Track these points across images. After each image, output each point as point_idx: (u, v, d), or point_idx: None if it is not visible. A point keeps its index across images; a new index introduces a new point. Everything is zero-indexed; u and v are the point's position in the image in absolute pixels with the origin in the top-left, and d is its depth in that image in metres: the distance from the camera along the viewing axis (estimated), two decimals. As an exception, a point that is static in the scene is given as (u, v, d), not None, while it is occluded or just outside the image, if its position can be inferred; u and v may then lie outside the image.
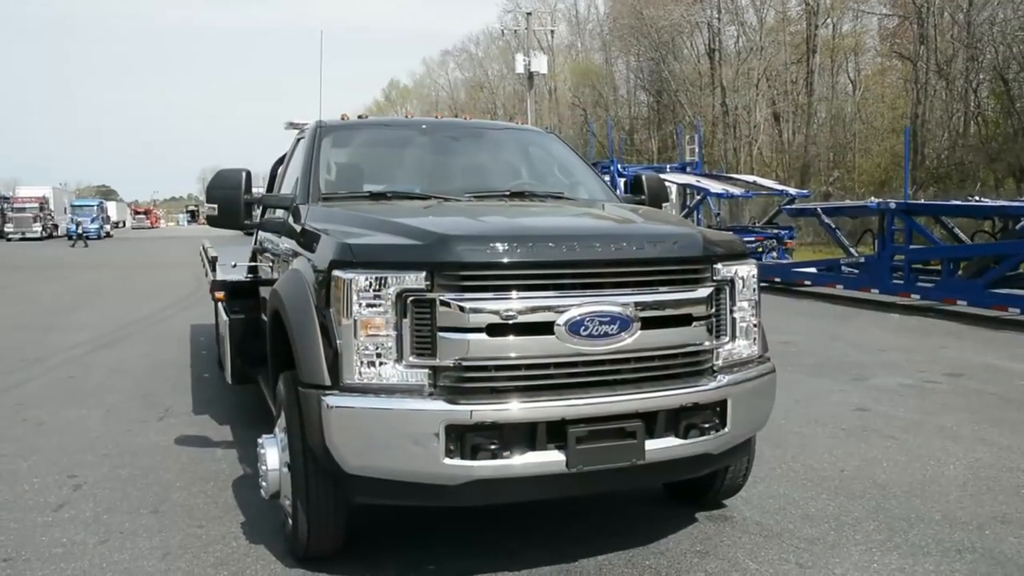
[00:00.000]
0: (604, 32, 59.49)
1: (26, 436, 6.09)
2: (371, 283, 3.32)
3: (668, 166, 24.76)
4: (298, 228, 4.24)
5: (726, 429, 3.64)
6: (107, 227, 53.61)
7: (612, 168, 22.21)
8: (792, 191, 19.77)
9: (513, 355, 3.33)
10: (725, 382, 3.67)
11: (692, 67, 47.86)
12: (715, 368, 3.73)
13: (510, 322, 3.30)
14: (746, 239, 18.47)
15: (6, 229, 48.02)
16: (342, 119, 5.33)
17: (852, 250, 14.87)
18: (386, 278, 3.31)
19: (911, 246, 13.13)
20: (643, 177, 5.36)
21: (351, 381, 3.34)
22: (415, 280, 3.30)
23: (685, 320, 3.57)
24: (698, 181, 20.22)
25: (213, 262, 6.89)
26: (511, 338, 3.31)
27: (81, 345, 10.40)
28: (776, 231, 19.01)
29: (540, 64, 43.29)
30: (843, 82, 43.80)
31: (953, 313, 12.31)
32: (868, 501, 4.60)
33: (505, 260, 3.32)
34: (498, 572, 3.75)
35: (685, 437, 3.54)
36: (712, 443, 3.61)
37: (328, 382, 3.38)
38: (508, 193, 4.69)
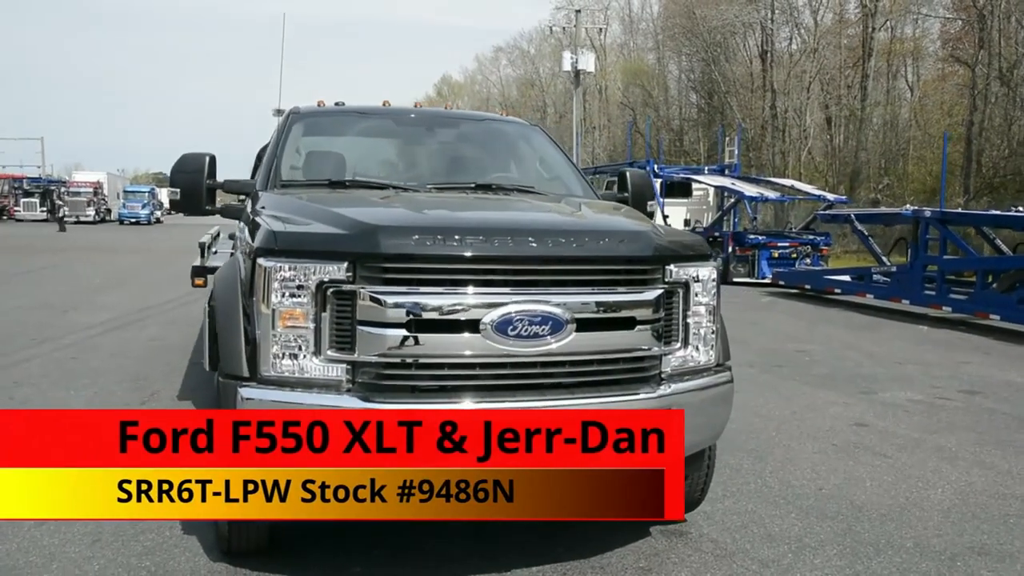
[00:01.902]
0: (657, 31, 58.83)
1: (7, 414, 6.09)
2: (292, 272, 3.18)
3: (706, 168, 24.28)
4: (249, 215, 4.13)
5: (669, 441, 3.42)
6: (158, 213, 54.72)
7: (648, 168, 21.80)
8: (830, 196, 19.24)
9: (435, 353, 3.17)
10: (671, 391, 3.45)
11: (744, 69, 47.03)
12: (663, 376, 3.52)
13: (432, 318, 3.14)
14: (780, 245, 18.05)
15: (62, 212, 49.27)
16: (318, 105, 5.21)
17: (884, 259, 14.37)
18: (307, 268, 3.17)
19: (945, 256, 12.61)
20: (627, 174, 5.15)
21: (268, 373, 3.21)
22: (337, 271, 3.16)
23: (627, 323, 3.37)
24: (733, 184, 19.78)
25: (203, 248, 6.85)
26: (433, 335, 3.15)
27: (96, 327, 10.50)
28: (812, 237, 18.49)
29: (588, 62, 42.92)
30: (900, 87, 42.64)
31: (985, 327, 11.78)
32: (839, 523, 4.33)
33: (429, 253, 3.16)
34: (424, 578, 3.60)
35: None
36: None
37: (246, 373, 3.26)
38: (473, 185, 4.52)
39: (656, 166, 22.51)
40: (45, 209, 49.91)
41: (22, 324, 10.46)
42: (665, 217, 21.06)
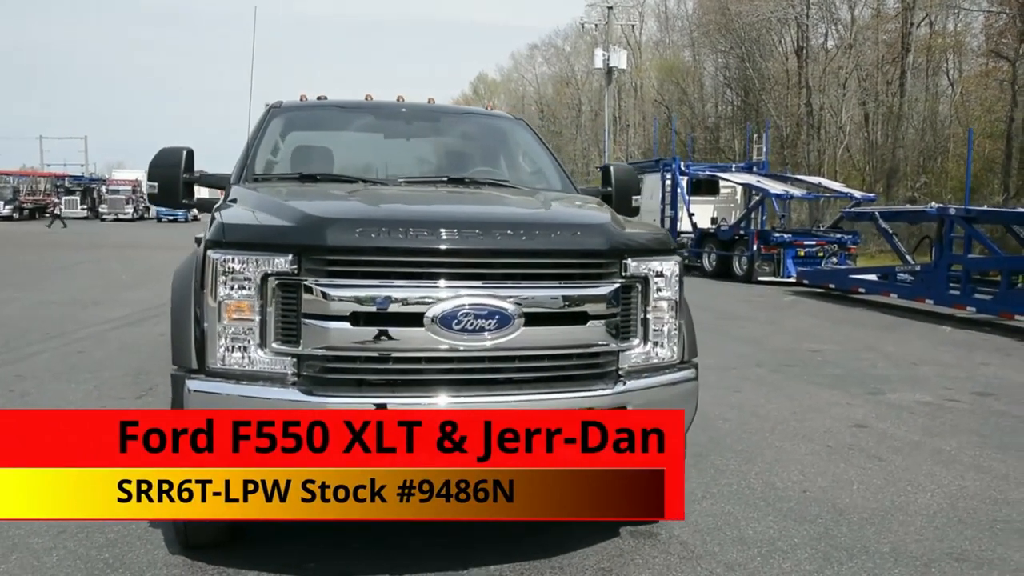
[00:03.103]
0: (692, 28, 58.24)
1: (6, 406, 6.19)
2: (238, 265, 3.16)
3: (734, 165, 23.98)
4: (214, 208, 4.12)
5: (624, 439, 3.34)
6: (194, 210, 55.62)
7: (674, 166, 21.62)
8: (857, 194, 18.86)
9: (379, 347, 3.13)
10: (628, 387, 3.37)
11: (780, 65, 46.36)
12: (621, 372, 3.44)
13: (375, 311, 3.10)
14: (806, 243, 17.76)
15: (101, 210, 50.31)
16: (300, 100, 5.20)
17: (908, 257, 14.03)
18: (253, 260, 3.15)
19: (970, 255, 12.28)
20: (611, 168, 5.06)
21: (215, 366, 3.20)
22: (282, 263, 3.14)
23: (579, 318, 3.29)
24: (759, 181, 19.49)
25: (199, 243, 6.88)
26: (376, 329, 3.11)
27: (112, 322, 10.65)
28: (839, 236, 18.15)
29: (620, 60, 42.67)
30: (941, 83, 41.68)
31: (1010, 328, 11.45)
32: (816, 526, 4.20)
33: (372, 246, 3.11)
34: (379, 575, 3.56)
35: None
36: (606, 453, 3.31)
37: (195, 365, 3.26)
38: (446, 179, 4.47)
39: (683, 163, 22.31)
40: (86, 207, 50.98)
41: (43, 319, 10.64)
42: (691, 215, 20.88)
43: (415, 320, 3.10)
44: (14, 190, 51.53)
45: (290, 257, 3.13)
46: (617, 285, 3.38)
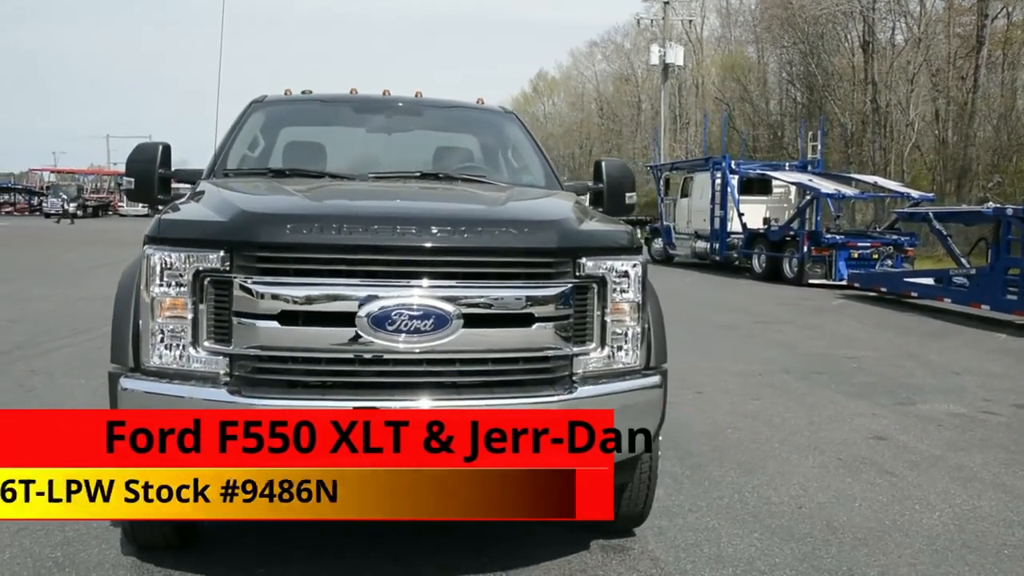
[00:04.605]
0: (755, 23, 57.15)
1: (9, 401, 6.30)
2: (172, 261, 3.11)
3: (787, 164, 23.37)
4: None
5: (576, 448, 3.18)
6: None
7: (724, 165, 21.16)
8: (915, 194, 18.17)
9: (310, 347, 3.03)
10: (582, 394, 3.21)
11: (846, 61, 45.15)
12: (575, 378, 3.28)
13: (306, 310, 3.00)
14: (860, 245, 17.20)
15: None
16: (285, 94, 5.16)
17: (963, 260, 13.43)
18: (186, 256, 3.09)
19: (1029, 258, 11.70)
20: (602, 163, 4.87)
21: (149, 364, 3.15)
22: (214, 260, 3.07)
23: (524, 320, 3.14)
24: (810, 180, 18.92)
25: None
26: (308, 328, 3.02)
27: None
28: (895, 237, 17.51)
29: (677, 56, 42.10)
30: (1019, 78, 40.03)
31: (1071, 337, 10.87)
32: (803, 545, 3.97)
33: (304, 242, 3.02)
34: (325, 584, 3.48)
35: None
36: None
37: (131, 364, 3.21)
38: (419, 174, 4.37)
39: (733, 162, 21.83)
40: (145, 204, 52.50)
41: (73, 315, 10.88)
42: (740, 215, 20.42)
43: (346, 320, 3.00)
44: (79, 188, 53.34)
45: (221, 253, 3.06)
46: (569, 286, 3.22)
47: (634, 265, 3.39)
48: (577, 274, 3.26)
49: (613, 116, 70.60)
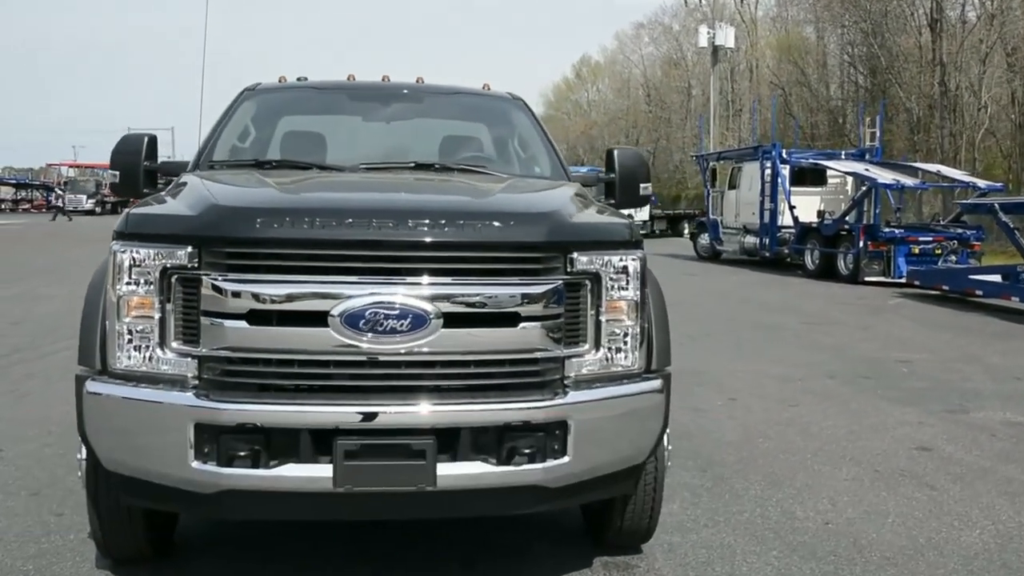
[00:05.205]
0: (814, 1, 56.33)
1: (1, 407, 6.44)
2: (140, 258, 3.13)
3: (843, 152, 22.98)
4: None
5: (565, 458, 3.16)
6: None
7: (774, 154, 20.87)
8: (981, 184, 17.76)
9: (279, 348, 3.04)
10: (566, 400, 3.17)
11: (912, 40, 44.32)
12: (567, 382, 3.24)
13: (276, 309, 3.01)
14: (921, 239, 16.89)
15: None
16: (279, 82, 5.19)
17: (1033, 256, 13.11)
18: (153, 252, 3.12)
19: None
20: (614, 152, 4.82)
21: (116, 366, 3.18)
22: (182, 256, 3.09)
23: (509, 320, 3.12)
24: (866, 170, 18.58)
25: None
26: (277, 328, 3.02)
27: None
28: (960, 231, 17.14)
29: (727, 37, 41.70)
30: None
31: None
32: (825, 565, 3.89)
33: (274, 237, 3.03)
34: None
35: (506, 463, 3.10)
36: (542, 474, 3.13)
37: (98, 366, 3.26)
38: (413, 165, 4.36)
39: (784, 151, 21.54)
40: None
41: (77, 316, 11.04)
42: (792, 208, 20.15)
43: (319, 319, 3.00)
44: (97, 184, 54.29)
45: (189, 250, 3.07)
46: (559, 282, 3.18)
47: (633, 260, 3.34)
48: (569, 270, 3.22)
49: (661, 103, 70.00)
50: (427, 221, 3.09)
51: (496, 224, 3.17)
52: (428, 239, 3.06)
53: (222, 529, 4.13)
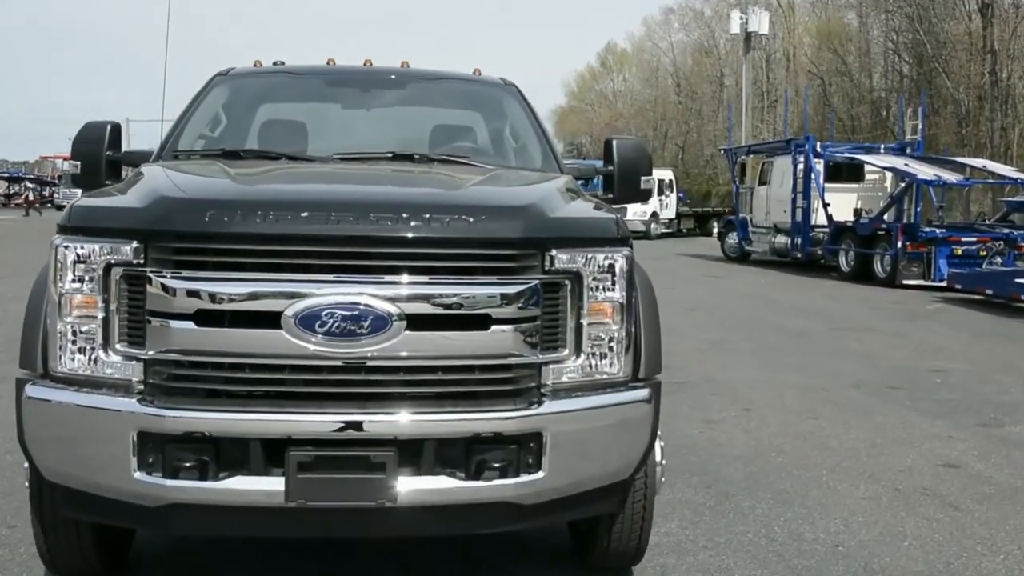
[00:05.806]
0: (858, -15, 55.93)
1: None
2: (84, 253, 3.10)
3: (882, 146, 22.78)
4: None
5: (540, 473, 3.09)
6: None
7: (807, 147, 20.69)
8: (1028, 179, 17.53)
9: (229, 351, 2.99)
10: (541, 410, 3.10)
11: (961, 27, 43.91)
12: (543, 390, 3.18)
13: (225, 309, 2.96)
14: (964, 240, 16.70)
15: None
16: (255, 65, 5.16)
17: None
18: (97, 247, 3.08)
19: None
20: (613, 142, 4.74)
21: (58, 369, 3.14)
22: (127, 251, 3.05)
23: (478, 323, 3.05)
24: (906, 165, 18.39)
25: None
26: (227, 330, 2.97)
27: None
28: (1007, 231, 16.92)
29: (762, 23, 41.49)
30: None
31: None
32: (830, 591, 3.81)
33: (224, 232, 2.98)
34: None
35: (475, 478, 3.04)
36: (514, 490, 3.07)
37: (40, 369, 3.21)
38: (390, 155, 4.31)
39: (819, 144, 21.36)
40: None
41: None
42: (826, 205, 19.98)
43: (271, 320, 2.95)
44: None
45: (134, 245, 3.03)
46: (535, 282, 3.12)
47: (619, 259, 3.26)
48: (546, 268, 3.15)
49: (692, 93, 69.63)
50: (390, 215, 3.04)
51: (466, 219, 3.10)
52: (390, 234, 3.00)
53: (183, 544, 4.10)
